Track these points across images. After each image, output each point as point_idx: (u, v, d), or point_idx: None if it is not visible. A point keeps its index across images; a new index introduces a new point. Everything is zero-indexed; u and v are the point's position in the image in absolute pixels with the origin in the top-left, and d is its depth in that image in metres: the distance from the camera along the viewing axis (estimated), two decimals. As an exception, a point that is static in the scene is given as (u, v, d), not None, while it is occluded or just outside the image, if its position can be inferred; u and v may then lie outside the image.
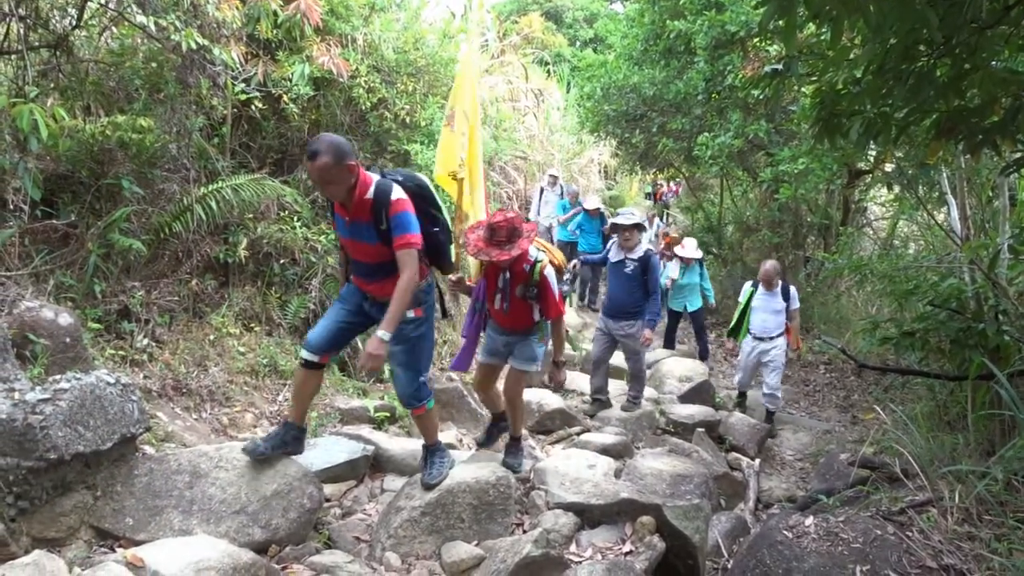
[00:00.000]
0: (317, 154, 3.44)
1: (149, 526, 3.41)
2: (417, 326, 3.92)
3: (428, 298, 4.02)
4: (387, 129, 7.88)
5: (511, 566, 3.44)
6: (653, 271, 6.65)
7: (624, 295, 6.69)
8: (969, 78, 2.98)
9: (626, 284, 6.68)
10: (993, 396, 4.61)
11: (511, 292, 4.49)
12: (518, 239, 4.24)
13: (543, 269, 4.40)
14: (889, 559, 3.66)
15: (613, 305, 6.80)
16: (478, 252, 4.25)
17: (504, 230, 4.22)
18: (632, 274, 6.62)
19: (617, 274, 6.78)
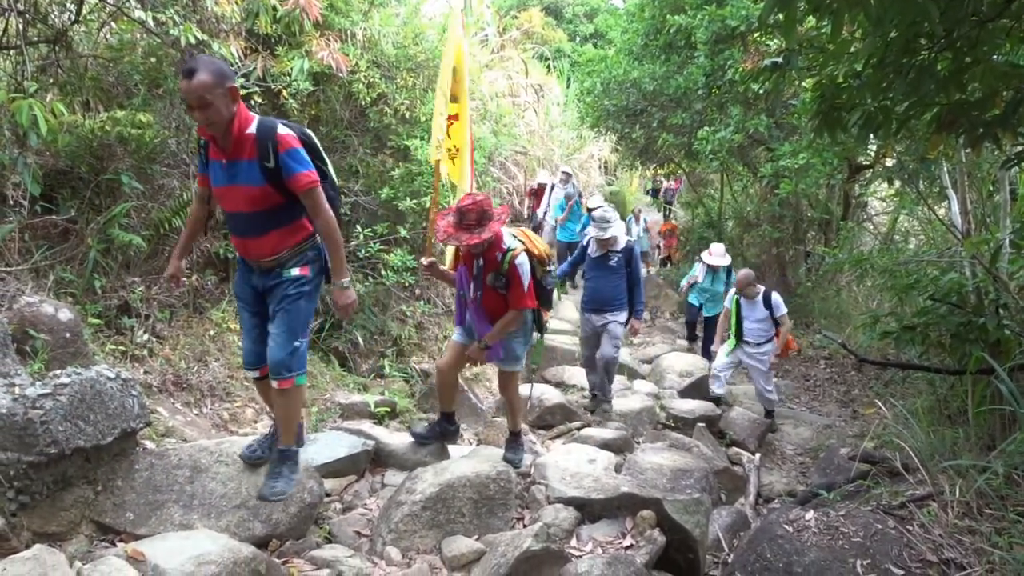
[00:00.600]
0: (194, 72, 3.09)
1: (150, 520, 3.41)
2: (299, 286, 3.50)
3: (317, 257, 3.60)
4: (387, 124, 7.87)
5: (511, 560, 3.44)
6: (636, 261, 6.61)
7: (609, 288, 6.55)
8: (970, 71, 2.97)
9: (610, 277, 6.55)
10: (993, 390, 4.61)
11: (483, 280, 4.36)
12: (488, 222, 4.12)
13: (514, 257, 4.25)
14: (889, 553, 3.66)
15: (596, 299, 6.62)
16: (447, 237, 4.12)
17: (473, 213, 4.09)
18: (617, 266, 6.52)
19: (600, 268, 6.61)
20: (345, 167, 7.79)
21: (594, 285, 6.67)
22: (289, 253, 3.49)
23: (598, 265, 6.61)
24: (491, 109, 10.35)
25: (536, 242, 4.59)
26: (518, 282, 4.27)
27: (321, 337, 6.86)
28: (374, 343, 7.35)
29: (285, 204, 3.40)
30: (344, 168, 7.77)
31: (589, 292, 6.72)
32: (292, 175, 3.30)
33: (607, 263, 6.53)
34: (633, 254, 6.54)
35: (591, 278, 6.74)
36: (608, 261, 6.52)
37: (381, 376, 7.05)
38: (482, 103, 10.24)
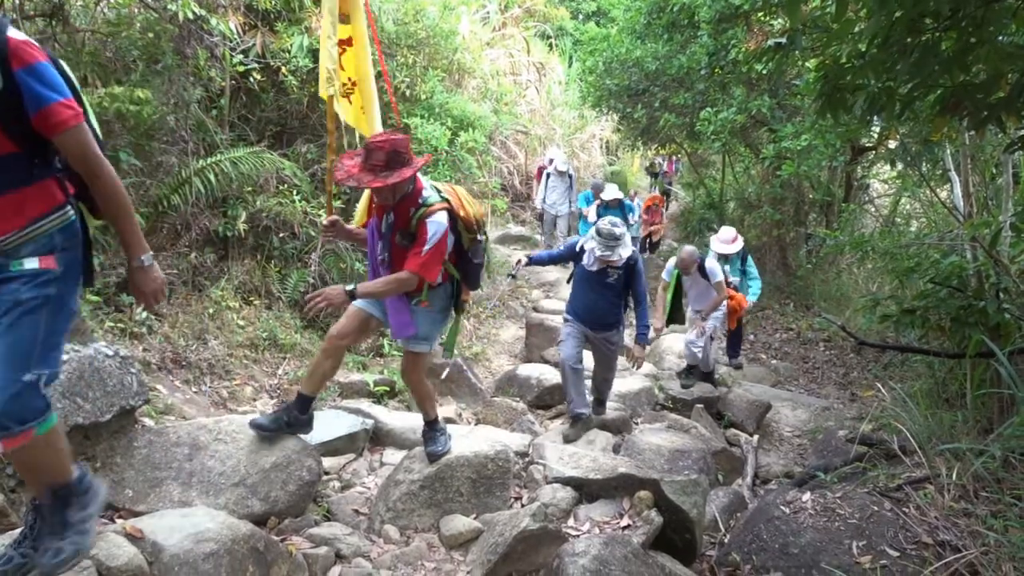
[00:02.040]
0: None
1: (149, 497, 3.42)
2: (38, 285, 2.21)
3: (68, 244, 2.33)
4: (387, 102, 7.81)
5: (509, 539, 3.46)
6: (639, 277, 5.55)
7: (604, 306, 5.56)
8: (975, 52, 2.94)
9: (606, 295, 5.55)
10: (992, 374, 4.61)
11: (391, 240, 3.69)
12: (400, 167, 3.43)
13: (428, 214, 3.55)
14: (885, 535, 3.68)
15: (590, 317, 5.59)
16: (348, 178, 3.45)
17: (383, 152, 3.41)
18: (615, 284, 5.51)
19: (594, 283, 5.54)
20: (345, 145, 7.74)
21: (586, 301, 5.63)
22: (19, 235, 2.21)
23: (592, 279, 5.55)
24: (492, 87, 10.28)
25: (468, 203, 3.84)
26: (421, 241, 3.54)
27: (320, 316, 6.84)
28: (373, 322, 7.35)
29: (14, 156, 2.19)
30: (343, 147, 7.72)
31: (581, 304, 5.66)
32: (44, 106, 2.14)
33: (604, 280, 5.50)
34: (636, 269, 5.51)
35: (583, 291, 5.66)
36: (606, 278, 5.49)
37: (380, 355, 7.05)
38: (483, 81, 10.16)
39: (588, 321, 5.58)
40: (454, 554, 3.68)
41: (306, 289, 6.63)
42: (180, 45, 5.74)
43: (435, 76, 8.20)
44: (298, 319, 6.48)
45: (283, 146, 7.40)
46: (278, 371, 5.80)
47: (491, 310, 8.94)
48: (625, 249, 5.39)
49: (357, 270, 7.09)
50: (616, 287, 5.53)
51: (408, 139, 3.61)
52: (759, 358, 9.85)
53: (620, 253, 5.33)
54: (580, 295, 5.68)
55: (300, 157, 7.29)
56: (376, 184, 3.40)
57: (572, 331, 5.60)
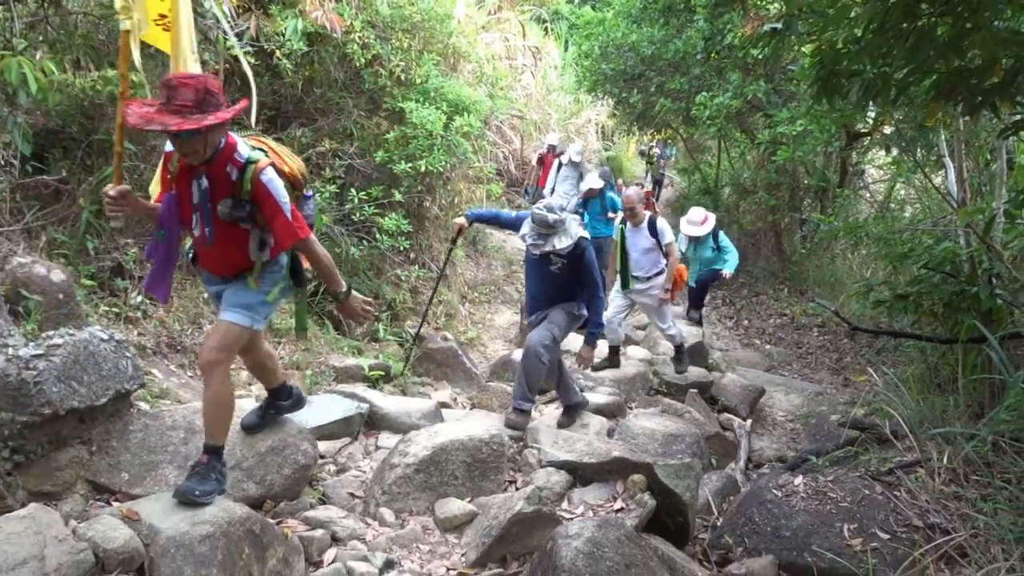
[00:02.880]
0: None
1: (144, 481, 3.44)
2: None
3: None
4: (382, 86, 7.78)
5: (503, 522, 3.49)
6: (590, 270, 4.81)
7: (550, 297, 4.95)
8: (971, 38, 2.94)
9: (553, 286, 4.91)
10: (984, 359, 4.64)
11: (212, 211, 3.02)
12: (213, 110, 2.79)
13: (259, 171, 2.95)
14: (876, 518, 3.72)
15: (536, 306, 5.08)
16: (145, 121, 2.74)
17: (190, 90, 2.75)
18: (560, 273, 4.83)
19: (538, 270, 4.92)
20: (339, 129, 7.73)
21: (531, 288, 5.13)
22: None
23: (536, 266, 4.94)
24: (487, 72, 10.23)
25: (286, 156, 3.26)
26: (274, 205, 2.97)
27: (315, 300, 6.85)
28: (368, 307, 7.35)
29: None
30: (338, 131, 7.71)
31: (529, 291, 5.22)
32: None
33: (547, 267, 4.83)
34: (584, 260, 4.75)
35: (529, 277, 5.16)
36: (549, 266, 4.82)
37: (375, 340, 7.07)
38: (478, 65, 10.11)
39: (537, 308, 5.04)
40: (449, 537, 3.71)
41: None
42: (173, 28, 5.69)
43: (430, 60, 8.16)
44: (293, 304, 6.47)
45: (277, 130, 7.37)
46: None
47: None
48: (562, 238, 4.59)
49: (352, 255, 7.09)
50: (561, 277, 4.84)
51: (220, 82, 3.07)
52: (753, 343, 9.90)
53: (554, 243, 4.58)
54: (528, 281, 5.22)
55: (294, 141, 7.26)
56: (188, 126, 2.72)
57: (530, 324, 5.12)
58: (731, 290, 12.13)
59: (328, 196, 6.97)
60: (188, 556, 2.72)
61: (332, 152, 7.44)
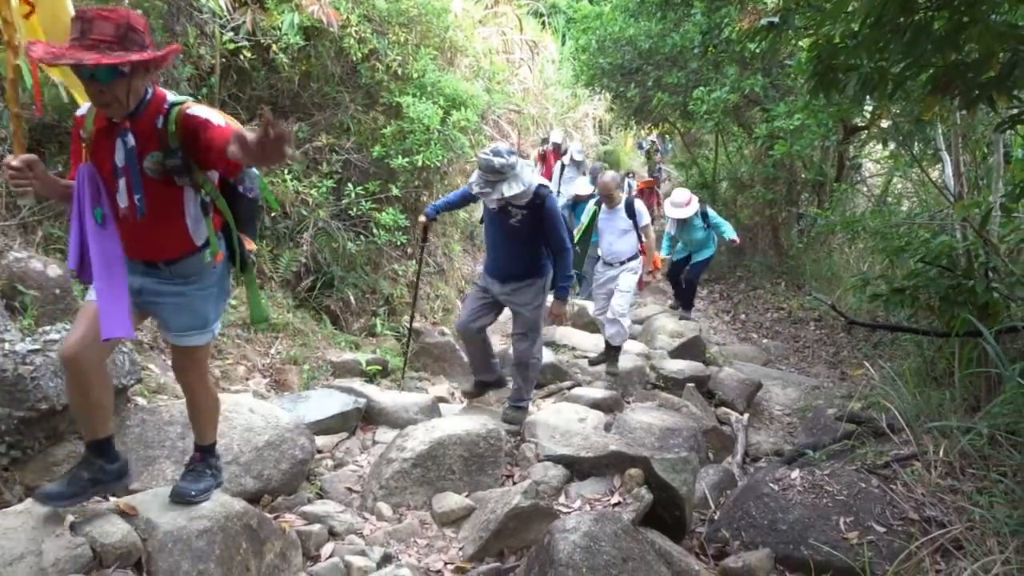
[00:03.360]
0: None
1: (142, 476, 3.44)
2: None
3: None
4: (379, 81, 7.76)
5: (501, 516, 3.49)
6: (553, 221, 4.54)
7: (511, 254, 4.70)
8: (967, 32, 2.94)
9: (513, 241, 4.63)
10: (980, 353, 4.65)
11: (141, 173, 2.52)
12: (136, 48, 2.37)
13: (186, 108, 2.52)
14: (872, 511, 3.73)
15: (496, 267, 4.80)
16: (52, 57, 2.30)
17: (111, 24, 2.32)
18: (520, 226, 4.53)
19: (498, 226, 4.65)
20: (336, 124, 7.71)
21: (491, 248, 4.85)
22: None
23: (495, 222, 4.66)
24: (484, 66, 10.20)
25: (223, 116, 2.62)
26: (206, 123, 2.47)
27: (313, 295, 6.86)
28: (366, 302, 7.36)
29: None
30: (335, 125, 7.69)
31: (488, 253, 4.96)
32: None
33: (506, 221, 4.55)
34: (545, 209, 4.48)
35: (489, 237, 4.86)
36: (508, 219, 4.53)
37: (373, 335, 7.06)
38: (475, 60, 10.09)
39: (495, 272, 4.78)
40: (446, 531, 3.72)
41: (298, 269, 6.62)
42: (170, 22, 5.68)
43: (427, 54, 8.13)
44: (290, 298, 6.48)
45: (274, 125, 7.34)
46: (271, 350, 5.80)
47: None
48: (512, 185, 4.27)
49: (349, 250, 7.08)
50: (522, 231, 4.53)
51: (147, 21, 2.53)
52: (750, 337, 9.91)
53: (502, 190, 4.27)
54: (487, 241, 4.92)
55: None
56: (107, 61, 2.26)
57: (472, 292, 5.03)
58: (728, 284, 12.15)
59: (325, 191, 6.96)
60: (185, 551, 2.72)
61: (329, 147, 7.42)
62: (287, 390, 5.36)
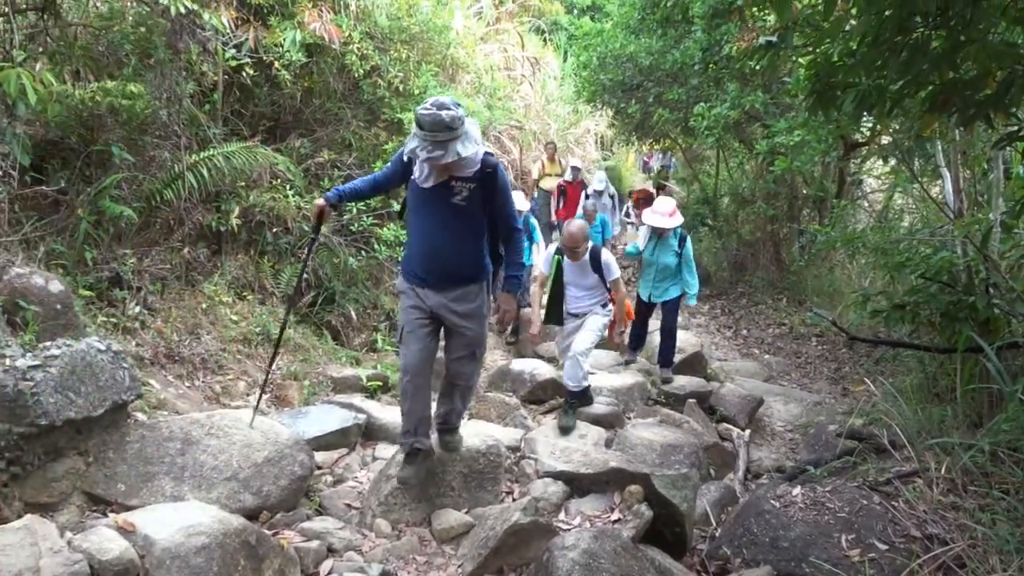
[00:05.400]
0: None
1: (141, 492, 3.43)
2: None
3: None
4: (380, 97, 7.82)
5: (500, 533, 3.48)
6: (507, 195, 3.68)
7: (453, 247, 3.61)
8: (964, 50, 2.95)
9: (455, 228, 3.59)
10: (982, 369, 4.63)
11: None
12: None
13: None
14: (874, 528, 3.71)
15: (430, 268, 3.66)
16: None
17: None
18: (467, 206, 3.56)
19: (435, 208, 3.59)
20: (338, 140, 7.75)
21: (423, 241, 3.68)
22: None
23: (430, 203, 3.60)
24: (486, 82, 10.26)
25: None
26: None
27: (314, 311, 6.86)
28: (367, 317, 7.37)
29: None
30: (337, 141, 7.73)
31: (416, 248, 3.74)
32: None
33: (448, 200, 3.54)
34: (498, 178, 3.59)
35: (418, 227, 3.70)
36: (451, 197, 3.54)
37: (373, 350, 7.06)
38: (477, 76, 10.15)
39: (429, 276, 3.67)
40: (445, 548, 3.70)
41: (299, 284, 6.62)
42: (172, 39, 5.73)
43: (428, 71, 8.19)
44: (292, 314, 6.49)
45: (276, 141, 7.39)
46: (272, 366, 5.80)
47: None
48: (467, 144, 3.39)
49: (350, 265, 7.10)
50: (469, 212, 3.56)
51: None
52: (752, 353, 9.88)
53: (457, 150, 3.35)
54: (415, 234, 3.72)
55: (294, 152, 7.28)
56: None
57: (408, 315, 3.73)
58: (730, 299, 12.13)
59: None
60: (183, 568, 2.72)
61: (331, 162, 7.47)
62: (288, 405, 5.36)
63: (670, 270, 6.76)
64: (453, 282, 3.67)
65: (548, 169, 12.11)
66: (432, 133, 3.32)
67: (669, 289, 6.82)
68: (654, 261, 6.79)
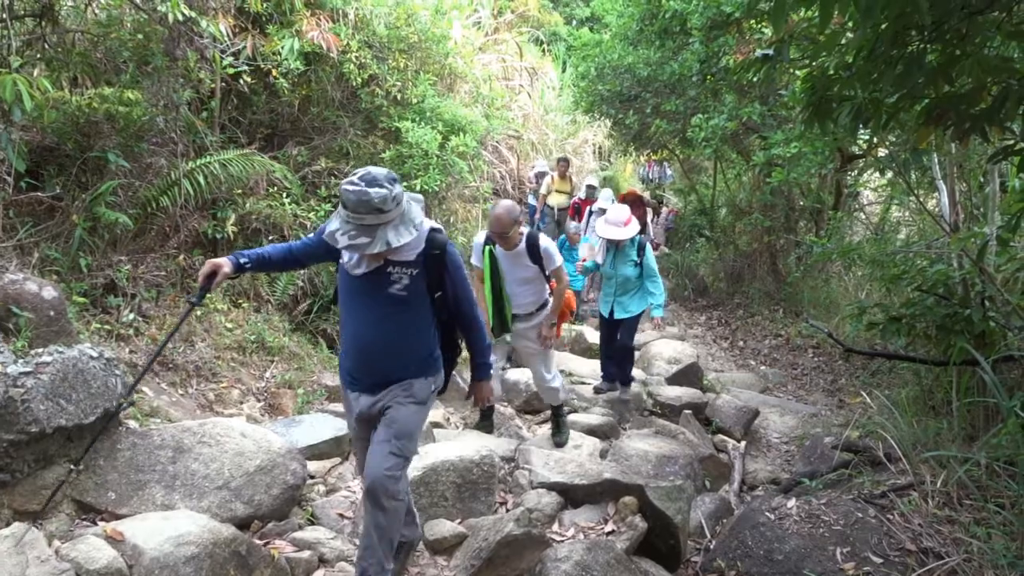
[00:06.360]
0: None
1: (131, 500, 3.41)
2: None
3: None
4: (378, 106, 7.83)
5: (493, 544, 3.46)
6: (460, 276, 3.11)
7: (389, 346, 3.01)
8: (959, 64, 2.96)
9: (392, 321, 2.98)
10: (978, 382, 4.63)
11: None
12: None
13: None
14: (869, 541, 3.70)
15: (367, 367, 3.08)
16: None
17: None
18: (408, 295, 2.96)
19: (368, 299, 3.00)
20: (336, 148, 7.75)
21: (356, 336, 3.07)
22: None
23: (362, 292, 3.01)
24: (484, 92, 10.28)
25: None
26: None
27: (309, 319, 6.85)
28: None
29: None
30: (335, 149, 7.74)
31: (350, 343, 3.11)
32: None
33: (384, 290, 2.95)
34: (447, 263, 3.03)
35: (350, 317, 3.08)
36: (387, 287, 2.94)
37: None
38: (475, 86, 10.17)
39: (359, 380, 3.08)
40: (438, 559, 3.68)
41: (295, 292, 6.61)
42: (170, 47, 5.73)
43: (426, 80, 8.20)
44: (286, 322, 6.47)
45: (274, 148, 7.39)
46: (265, 374, 5.78)
47: None
48: (401, 230, 2.75)
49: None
50: (410, 302, 2.96)
51: None
52: (748, 364, 9.88)
53: (387, 239, 2.70)
54: (346, 328, 3.11)
55: (291, 160, 7.28)
56: None
57: (348, 422, 3.32)
58: (726, 310, 12.14)
59: (323, 214, 6.98)
60: (172, 578, 2.70)
61: (328, 171, 7.46)
62: (281, 414, 5.33)
63: (631, 283, 6.18)
64: (389, 382, 3.04)
65: (558, 186, 11.80)
66: (356, 215, 2.68)
67: (630, 304, 6.24)
68: (613, 274, 6.22)
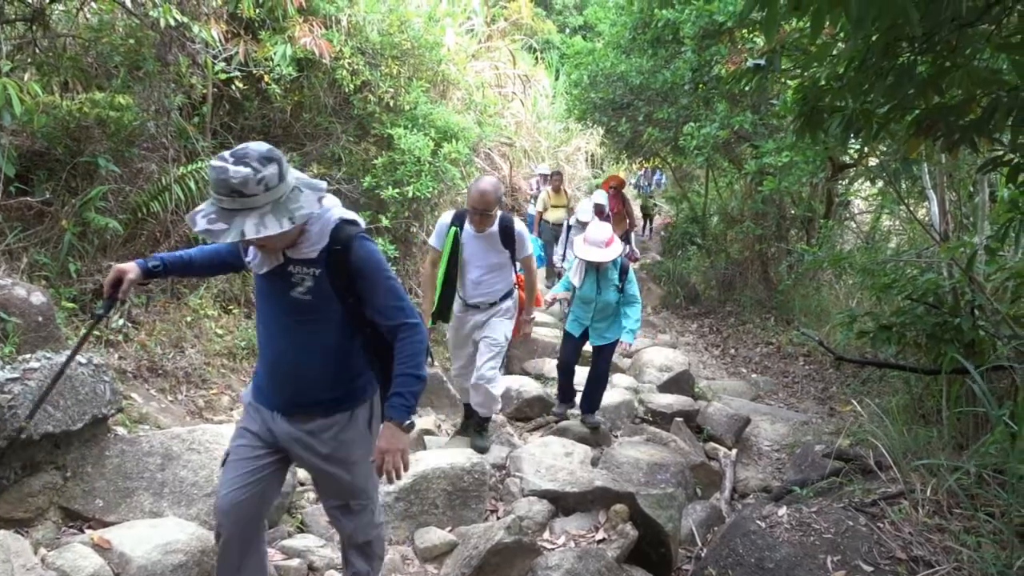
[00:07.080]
0: None
1: (119, 508, 3.38)
2: None
3: None
4: (371, 112, 7.82)
5: (483, 552, 3.45)
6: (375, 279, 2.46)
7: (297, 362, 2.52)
8: (949, 76, 2.98)
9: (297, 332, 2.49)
10: (967, 391, 4.65)
11: None
12: None
13: None
14: (859, 549, 3.70)
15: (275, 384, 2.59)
16: None
17: None
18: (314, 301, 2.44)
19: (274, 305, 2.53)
20: (328, 154, 7.74)
21: (265, 347, 2.60)
22: None
23: (269, 297, 2.53)
24: (477, 99, 10.30)
25: None
26: None
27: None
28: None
29: None
30: (327, 156, 7.73)
31: (260, 360, 2.68)
32: None
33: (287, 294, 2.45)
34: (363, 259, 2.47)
35: (261, 327, 2.62)
36: (290, 290, 2.44)
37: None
38: (468, 93, 10.18)
39: (272, 396, 2.57)
40: (428, 567, 3.66)
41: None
42: (162, 52, 5.72)
43: (419, 87, 8.21)
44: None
45: (266, 154, 7.37)
46: (256, 380, 5.75)
47: None
48: (267, 220, 2.19)
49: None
50: (317, 309, 2.44)
51: None
52: (739, 372, 9.90)
53: (243, 228, 2.16)
54: (259, 336, 2.65)
55: (282, 166, 7.26)
56: None
57: (238, 439, 2.59)
58: (718, 318, 12.17)
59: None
60: (160, 586, 2.67)
61: (320, 177, 7.44)
62: (272, 421, 5.30)
63: (611, 307, 5.63)
64: (305, 410, 2.51)
65: (554, 200, 11.35)
66: (216, 196, 2.19)
67: (607, 332, 5.70)
68: (594, 298, 5.60)
